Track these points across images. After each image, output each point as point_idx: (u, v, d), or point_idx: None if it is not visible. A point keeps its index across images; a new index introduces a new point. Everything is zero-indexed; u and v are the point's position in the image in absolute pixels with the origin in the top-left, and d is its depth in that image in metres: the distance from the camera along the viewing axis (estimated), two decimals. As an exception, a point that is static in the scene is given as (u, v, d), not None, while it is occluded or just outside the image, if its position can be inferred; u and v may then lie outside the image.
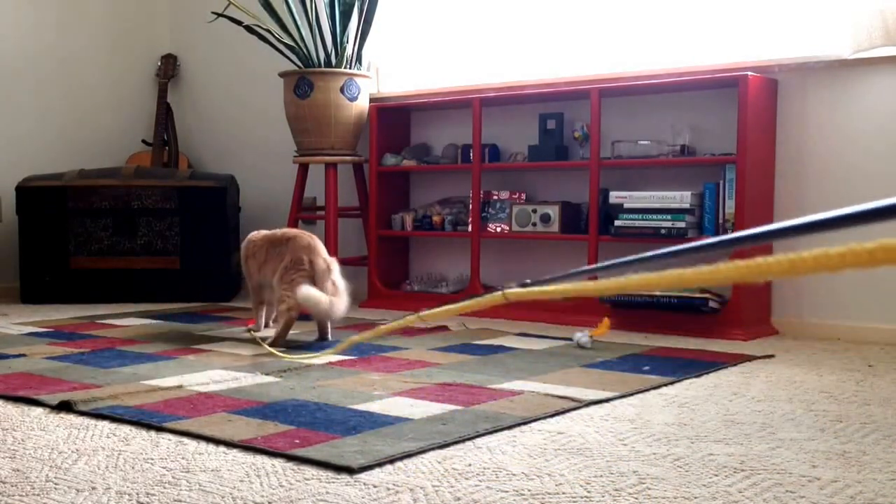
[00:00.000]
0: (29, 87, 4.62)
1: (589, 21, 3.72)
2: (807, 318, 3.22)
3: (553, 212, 3.57)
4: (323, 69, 3.92)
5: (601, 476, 1.48)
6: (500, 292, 0.49)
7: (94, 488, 1.41)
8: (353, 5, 3.92)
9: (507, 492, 1.40)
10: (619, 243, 3.56)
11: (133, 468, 1.52)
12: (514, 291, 0.47)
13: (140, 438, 1.72)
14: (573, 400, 2.05)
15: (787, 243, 2.79)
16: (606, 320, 2.91)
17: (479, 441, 1.70)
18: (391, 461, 1.55)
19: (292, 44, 4.00)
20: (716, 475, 1.49)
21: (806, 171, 3.21)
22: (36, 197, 4.09)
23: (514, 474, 1.49)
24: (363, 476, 1.47)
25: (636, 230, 3.30)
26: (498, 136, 3.95)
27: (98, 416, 1.89)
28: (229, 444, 1.66)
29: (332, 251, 3.98)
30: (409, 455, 1.59)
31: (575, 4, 3.76)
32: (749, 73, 3.12)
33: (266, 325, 3.15)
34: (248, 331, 3.09)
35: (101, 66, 4.93)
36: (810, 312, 3.22)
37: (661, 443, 1.70)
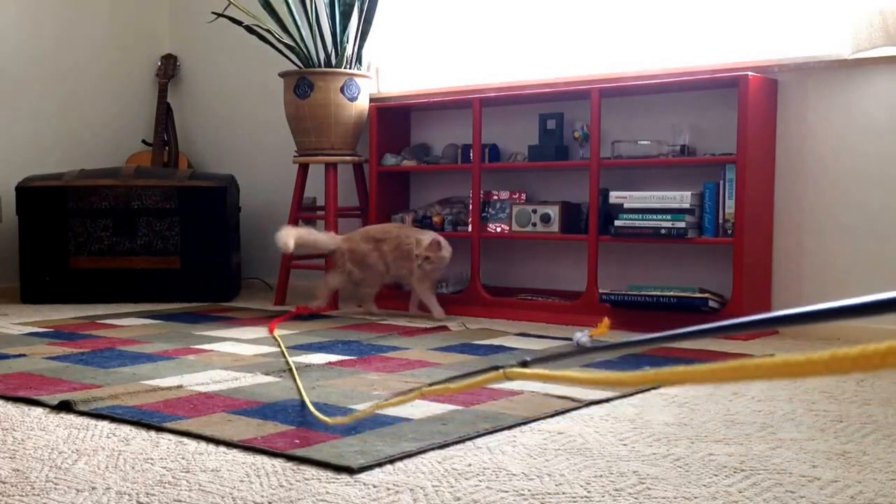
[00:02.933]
0: (29, 87, 4.62)
1: (589, 21, 3.72)
2: (807, 318, 3.22)
3: (553, 212, 3.57)
4: (323, 69, 3.92)
5: (601, 476, 1.48)
6: (500, 370, 0.49)
7: (94, 488, 1.41)
8: (353, 5, 3.92)
9: (507, 492, 1.40)
10: (620, 243, 3.56)
11: (133, 468, 1.52)
12: (515, 371, 0.47)
13: (140, 438, 1.72)
14: (573, 400, 2.05)
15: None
16: (606, 320, 2.91)
17: (479, 441, 1.70)
18: (391, 461, 1.55)
19: (292, 44, 4.00)
20: (716, 475, 1.49)
21: (806, 171, 3.21)
22: (36, 197, 4.09)
23: (514, 474, 1.49)
24: (363, 476, 1.47)
25: (636, 230, 3.30)
26: (498, 136, 3.95)
27: (98, 416, 1.89)
28: (229, 444, 1.66)
29: (332, 251, 3.99)
30: (409, 455, 1.59)
31: (575, 4, 3.76)
32: (749, 73, 3.12)
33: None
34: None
35: (101, 67, 4.93)
36: (810, 312, 3.21)
37: (661, 443, 1.70)
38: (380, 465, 1.53)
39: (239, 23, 4.01)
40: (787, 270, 3.26)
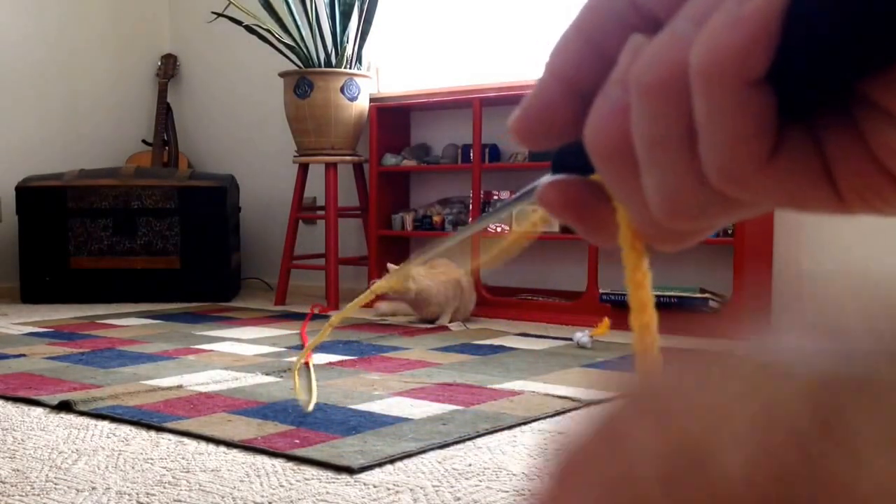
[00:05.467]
0: (29, 87, 4.62)
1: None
2: (807, 318, 3.22)
3: (553, 212, 3.57)
4: (323, 69, 3.92)
5: None
6: (369, 289, 0.52)
7: (94, 488, 1.41)
8: (353, 5, 3.92)
9: (507, 492, 1.40)
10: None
11: (133, 468, 1.52)
12: (379, 284, 0.50)
13: (140, 438, 1.72)
14: (573, 400, 2.05)
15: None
16: (607, 320, 2.91)
17: (479, 441, 1.70)
18: (391, 461, 1.55)
19: (292, 44, 4.00)
20: (716, 475, 1.49)
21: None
22: (36, 197, 4.09)
23: (514, 474, 1.49)
24: (363, 476, 1.47)
25: (636, 230, 3.30)
26: (498, 136, 3.95)
27: (98, 416, 1.89)
28: (229, 444, 1.66)
29: (333, 251, 3.99)
30: (409, 455, 1.59)
31: (575, 4, 3.76)
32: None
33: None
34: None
35: (101, 67, 4.93)
36: (810, 312, 3.21)
37: (661, 443, 1.70)
38: (380, 465, 1.53)
39: (239, 23, 4.01)
40: (787, 270, 3.26)
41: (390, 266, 3.43)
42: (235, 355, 2.66)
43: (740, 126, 0.20)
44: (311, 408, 1.93)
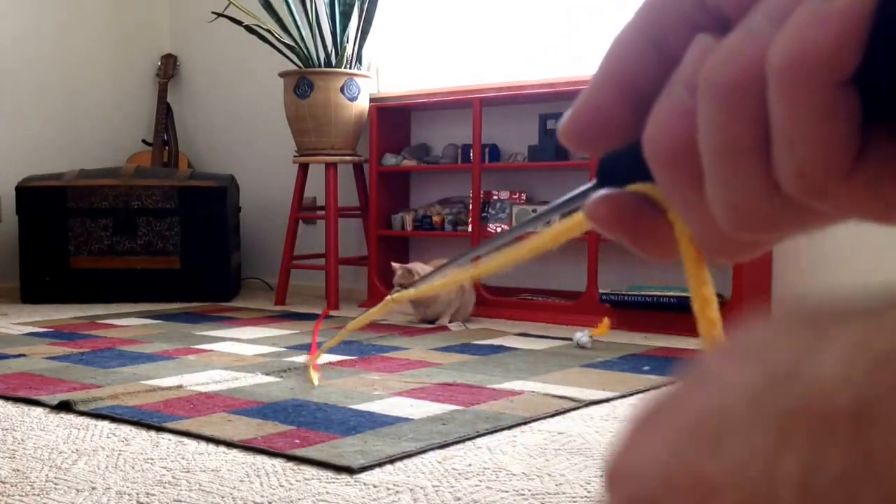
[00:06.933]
0: (29, 87, 4.62)
1: (589, 21, 3.73)
2: (807, 318, 3.22)
3: (553, 212, 3.57)
4: (323, 69, 3.92)
5: (601, 476, 1.48)
6: (388, 297, 0.53)
7: (94, 488, 1.41)
8: (353, 5, 3.92)
9: (507, 492, 1.40)
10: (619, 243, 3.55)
11: (133, 468, 1.52)
12: (399, 294, 0.50)
13: (140, 438, 1.72)
14: (573, 400, 2.05)
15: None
16: (606, 320, 2.91)
17: (479, 441, 1.70)
18: (391, 461, 1.55)
19: (292, 44, 4.00)
20: (716, 475, 1.49)
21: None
22: (36, 197, 4.09)
23: (514, 474, 1.49)
24: (363, 476, 1.47)
25: (636, 230, 3.30)
26: (498, 136, 3.95)
27: (98, 416, 1.89)
28: (229, 444, 1.67)
29: (333, 251, 3.99)
30: (409, 455, 1.59)
31: (575, 4, 3.76)
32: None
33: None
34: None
35: (101, 67, 4.93)
36: (810, 312, 3.21)
37: (661, 443, 1.70)
38: (380, 465, 1.53)
39: (239, 23, 4.01)
40: (786, 270, 3.26)
41: (395, 265, 3.43)
42: (235, 355, 2.66)
43: (825, 130, 0.19)
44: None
